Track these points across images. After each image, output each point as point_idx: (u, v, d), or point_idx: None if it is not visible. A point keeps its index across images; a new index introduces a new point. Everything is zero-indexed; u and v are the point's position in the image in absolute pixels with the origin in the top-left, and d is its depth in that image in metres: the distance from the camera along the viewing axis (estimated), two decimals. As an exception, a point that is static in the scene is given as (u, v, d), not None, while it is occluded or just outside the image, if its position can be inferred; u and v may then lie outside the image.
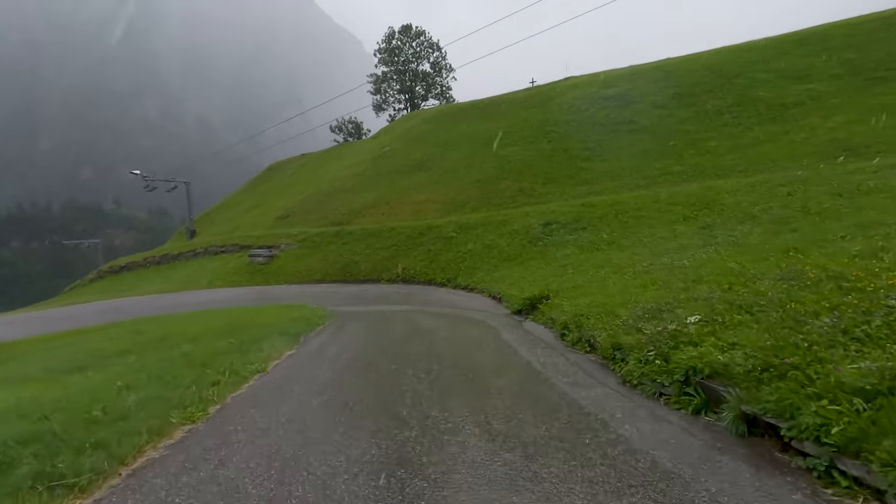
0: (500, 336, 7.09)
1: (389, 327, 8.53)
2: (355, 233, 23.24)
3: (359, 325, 8.80)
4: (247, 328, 7.65)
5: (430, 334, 7.39)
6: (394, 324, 8.91)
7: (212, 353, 5.65)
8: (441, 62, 58.36)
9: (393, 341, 6.99)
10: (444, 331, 7.85)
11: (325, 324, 8.84)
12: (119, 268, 36.70)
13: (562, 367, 4.97)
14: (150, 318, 11.99)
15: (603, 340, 5.02)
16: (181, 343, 6.63)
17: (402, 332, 7.68)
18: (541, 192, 24.86)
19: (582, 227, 15.10)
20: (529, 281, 11.55)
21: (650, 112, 29.22)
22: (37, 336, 11.00)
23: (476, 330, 7.90)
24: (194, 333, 7.44)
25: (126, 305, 17.82)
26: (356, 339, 7.22)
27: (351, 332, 7.89)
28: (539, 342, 6.45)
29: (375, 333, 7.77)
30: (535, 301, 9.30)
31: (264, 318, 8.85)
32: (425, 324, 8.63)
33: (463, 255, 17.41)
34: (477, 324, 8.57)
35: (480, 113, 38.22)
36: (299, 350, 6.54)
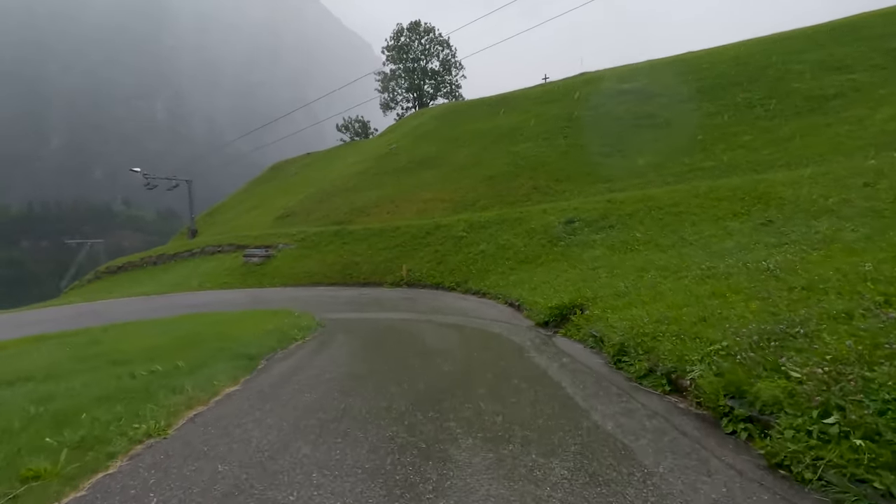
0: (531, 360, 5.37)
1: (385, 345, 6.82)
2: (356, 232, 21.62)
3: (347, 340, 7.11)
4: (202, 343, 6.03)
5: (437, 357, 5.68)
6: (391, 339, 7.23)
7: (115, 390, 3.91)
8: (450, 59, 56.80)
9: (386, 369, 5.23)
10: (455, 350, 6.15)
11: (306, 338, 7.17)
12: (116, 268, 35.46)
13: (649, 430, 3.15)
14: (115, 325, 10.43)
15: (706, 383, 3.26)
16: (111, 364, 5.04)
17: (399, 354, 5.96)
18: (557, 189, 23.17)
19: (610, 225, 13.34)
20: (554, 286, 9.83)
21: (674, 106, 27.42)
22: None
23: (497, 349, 6.19)
24: (135, 350, 5.84)
25: (106, 309, 16.32)
26: (336, 365, 5.45)
27: (333, 352, 6.15)
28: (585, 372, 4.72)
29: (365, 355, 6.01)
30: (565, 311, 7.59)
31: (233, 328, 7.22)
32: (432, 340, 6.93)
33: (474, 257, 15.71)
34: (496, 340, 6.87)
35: (491, 109, 36.58)
36: (248, 384, 4.72)
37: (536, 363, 5.20)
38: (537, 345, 6.27)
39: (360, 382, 4.59)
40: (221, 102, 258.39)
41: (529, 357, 5.52)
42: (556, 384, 4.25)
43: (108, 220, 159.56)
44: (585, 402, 3.69)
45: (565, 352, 5.72)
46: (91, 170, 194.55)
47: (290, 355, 6.04)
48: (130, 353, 5.58)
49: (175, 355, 5.12)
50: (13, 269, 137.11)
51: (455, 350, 6.16)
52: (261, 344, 6.04)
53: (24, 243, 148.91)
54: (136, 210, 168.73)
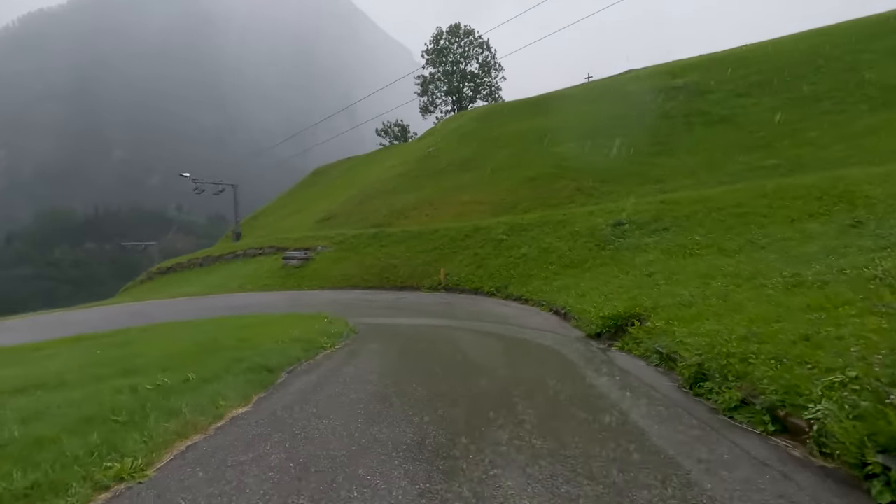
0: (587, 380, 4.64)
1: (419, 357, 6.20)
2: (395, 235, 21.29)
3: (379, 350, 6.55)
4: (223, 351, 5.63)
5: (477, 374, 5.02)
6: (427, 351, 6.62)
7: (108, 409, 3.39)
8: (490, 61, 56.17)
9: (419, 389, 4.50)
10: (498, 365, 5.47)
11: (335, 346, 6.68)
12: (166, 269, 36.85)
13: (766, 492, 2.35)
14: (151, 326, 10.42)
15: (840, 429, 2.36)
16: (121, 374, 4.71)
17: (435, 369, 5.31)
18: (602, 191, 22.08)
19: (664, 228, 12.30)
20: (604, 293, 9.00)
21: (729, 101, 25.73)
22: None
23: (546, 365, 5.48)
24: (154, 357, 5.54)
25: (149, 309, 16.64)
26: (363, 382, 4.81)
27: (362, 365, 5.55)
28: (655, 398, 3.95)
29: (397, 369, 5.38)
30: (620, 321, 6.78)
31: (260, 334, 6.84)
32: (471, 352, 6.29)
33: (515, 261, 14.97)
34: (544, 353, 6.16)
35: (532, 110, 35.67)
36: (260, 405, 4.11)
37: (594, 384, 4.46)
38: (591, 360, 5.52)
39: (388, 406, 3.98)
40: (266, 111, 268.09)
41: (584, 376, 4.78)
42: (623, 414, 3.51)
43: (162, 224, 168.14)
44: (665, 441, 2.95)
45: (626, 370, 4.94)
46: (147, 177, 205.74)
47: (315, 368, 5.47)
48: (147, 361, 5.26)
49: (190, 365, 4.72)
50: (79, 269, 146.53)
51: (498, 365, 5.49)
52: (285, 353, 5.55)
53: (88, 245, 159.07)
54: (188, 215, 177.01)
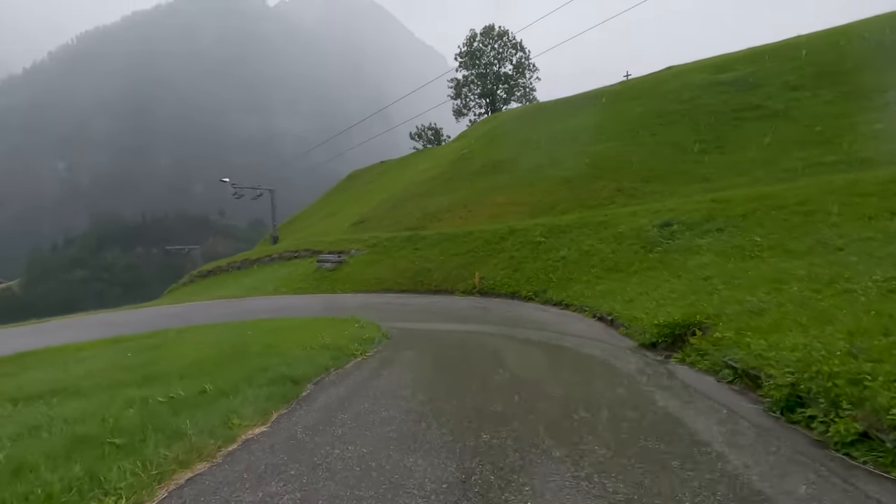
0: (651, 399, 4.02)
1: (457, 368, 5.69)
2: (429, 238, 20.93)
3: (413, 359, 6.09)
4: (248, 358, 5.32)
5: (524, 388, 4.45)
6: (465, 360, 6.12)
7: (107, 429, 3.09)
8: (524, 62, 55.35)
9: (459, 407, 4.01)
10: (545, 378, 4.91)
11: (367, 353, 6.26)
12: (207, 272, 37.80)
13: None
14: (187, 328, 10.39)
15: None
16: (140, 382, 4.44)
17: (476, 383, 4.75)
18: (644, 191, 21.04)
19: (717, 228, 11.36)
20: (654, 298, 8.26)
21: (783, 95, 24.09)
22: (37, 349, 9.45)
23: (600, 380, 4.86)
24: (178, 362, 5.29)
25: (187, 312, 16.88)
26: (396, 397, 4.33)
27: (395, 376, 5.13)
28: (741, 425, 3.28)
29: (433, 382, 4.87)
30: (678, 330, 6.09)
31: (289, 339, 6.53)
32: (514, 362, 5.75)
33: (554, 264, 14.28)
34: (595, 365, 5.55)
35: (568, 110, 34.72)
36: (279, 424, 3.64)
37: (661, 405, 3.84)
38: (651, 375, 4.87)
39: (425, 429, 3.48)
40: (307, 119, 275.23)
41: (647, 395, 4.15)
42: (705, 446, 2.88)
43: (206, 229, 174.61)
44: (773, 489, 2.31)
45: (694, 388, 4.28)
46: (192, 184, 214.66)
47: (344, 378, 5.05)
48: (170, 367, 5.01)
49: (212, 373, 4.40)
50: (129, 272, 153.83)
51: (544, 378, 4.92)
52: (312, 361, 5.16)
53: (137, 249, 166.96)
54: (229, 220, 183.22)
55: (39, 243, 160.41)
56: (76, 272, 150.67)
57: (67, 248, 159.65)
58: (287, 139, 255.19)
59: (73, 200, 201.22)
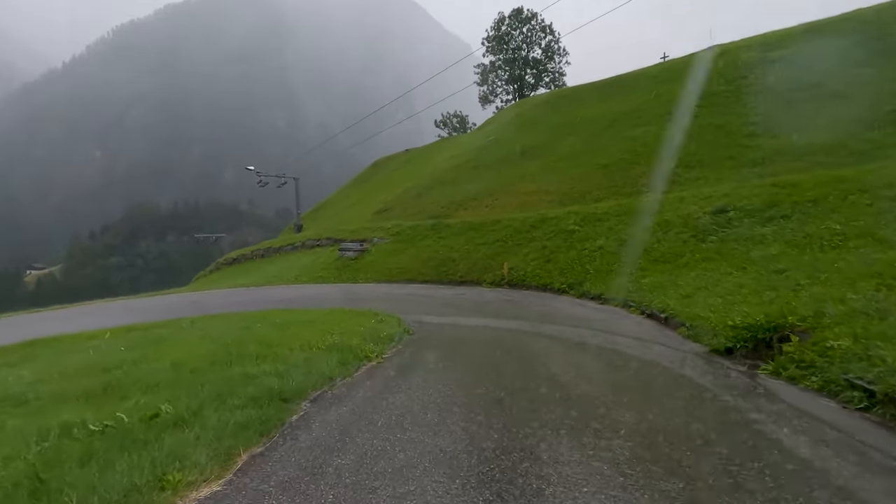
0: (756, 430, 2.97)
1: (495, 378, 4.59)
2: (454, 226, 19.95)
3: (439, 363, 5.11)
4: (236, 363, 4.41)
5: (580, 409, 3.43)
6: (500, 366, 5.10)
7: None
8: (554, 46, 53.27)
9: (501, 443, 2.94)
10: (612, 400, 3.80)
11: (383, 354, 5.34)
12: (232, 260, 37.94)
13: None
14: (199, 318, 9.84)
15: None
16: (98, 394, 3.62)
17: (518, 399, 3.71)
18: (687, 177, 19.50)
19: (783, 216, 9.99)
20: (718, 294, 7.10)
21: (846, 73, 21.95)
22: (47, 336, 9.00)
23: (679, 399, 3.79)
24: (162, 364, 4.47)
25: (205, 300, 16.46)
26: (417, 424, 3.28)
27: (415, 391, 4.13)
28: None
29: (467, 400, 3.81)
30: (760, 333, 4.96)
31: (293, 337, 5.66)
32: (562, 370, 4.74)
33: (590, 254, 13.11)
34: (667, 378, 4.49)
35: (602, 93, 33.00)
36: (239, 483, 2.51)
37: (772, 437, 2.78)
38: (747, 396, 3.77)
39: (460, 487, 2.39)
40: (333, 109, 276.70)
41: (758, 428, 3.06)
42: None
43: (235, 218, 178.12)
44: None
45: (815, 417, 3.19)
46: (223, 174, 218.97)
47: (350, 393, 4.05)
48: (146, 371, 4.22)
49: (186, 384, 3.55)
50: (162, 259, 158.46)
51: (605, 396, 3.87)
52: (313, 368, 4.20)
53: (170, 238, 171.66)
54: (258, 209, 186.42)
55: (78, 231, 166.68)
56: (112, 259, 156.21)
57: (104, 235, 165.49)
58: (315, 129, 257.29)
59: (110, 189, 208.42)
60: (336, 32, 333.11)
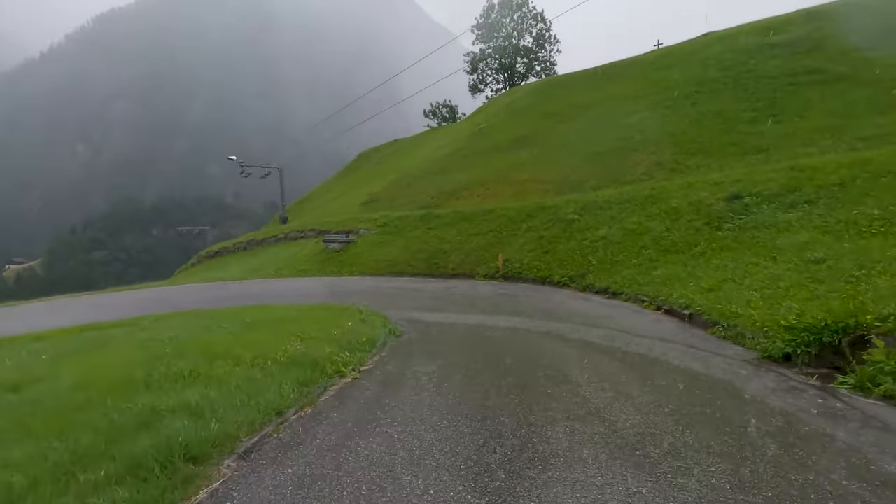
0: None
1: (507, 395, 3.57)
2: (444, 216, 18.91)
3: (431, 377, 4.05)
4: (159, 387, 3.25)
5: (647, 453, 2.42)
6: (514, 375, 4.08)
7: None
8: (545, 34, 52.13)
9: None
10: (689, 448, 2.75)
11: (362, 366, 4.28)
12: (213, 253, 36.55)
13: None
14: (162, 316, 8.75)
15: None
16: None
17: (551, 435, 2.67)
18: (688, 165, 18.68)
19: (807, 201, 9.11)
20: (753, 288, 6.17)
21: (848, 57, 21.23)
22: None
23: (773, 436, 2.74)
24: (61, 387, 3.39)
25: (179, 295, 15.29)
26: (404, 496, 2.27)
27: (406, 420, 3.15)
28: None
29: (474, 434, 2.79)
30: (825, 336, 4.01)
31: (249, 344, 4.57)
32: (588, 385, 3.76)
33: (592, 245, 12.17)
34: (727, 398, 3.50)
35: (596, 81, 31.98)
36: None
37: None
38: (842, 421, 2.83)
39: None
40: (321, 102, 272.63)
41: (882, 471, 2.13)
42: None
43: (221, 211, 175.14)
44: None
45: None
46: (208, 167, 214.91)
47: (305, 437, 2.89)
48: (22, 401, 3.14)
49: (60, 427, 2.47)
50: (147, 253, 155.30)
51: (663, 429, 2.85)
52: (259, 397, 3.04)
53: (154, 232, 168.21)
54: (245, 202, 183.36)
55: (60, 225, 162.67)
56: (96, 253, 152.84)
57: (87, 229, 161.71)
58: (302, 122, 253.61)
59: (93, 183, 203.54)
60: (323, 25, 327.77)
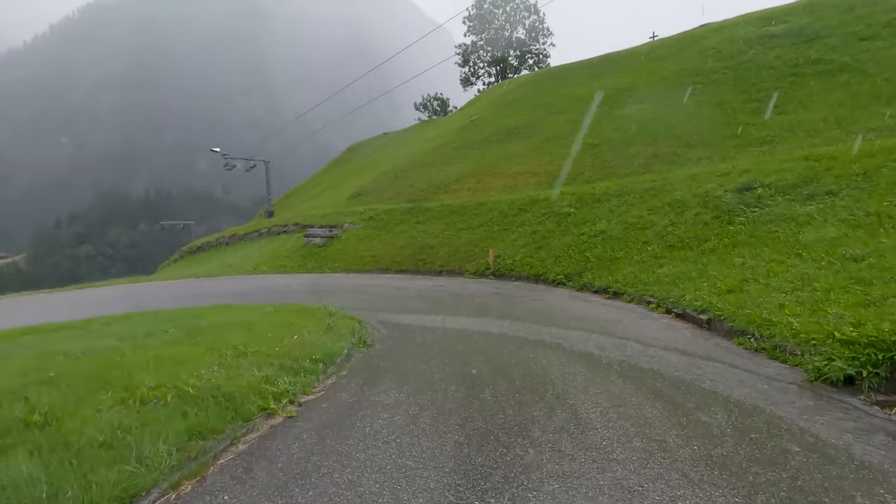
0: None
1: (489, 440, 2.62)
2: (433, 210, 17.96)
3: (400, 410, 3.01)
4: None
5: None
6: (508, 412, 3.13)
7: None
8: (538, 26, 51.12)
9: None
10: None
11: (311, 393, 3.28)
12: (196, 248, 35.41)
13: None
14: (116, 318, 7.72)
15: None
16: None
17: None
18: (687, 157, 17.93)
19: (828, 192, 8.28)
20: (782, 290, 5.32)
21: (851, 46, 20.53)
22: None
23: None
24: None
25: (143, 293, 14.23)
26: None
27: (345, 481, 2.20)
28: None
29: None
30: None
31: (170, 361, 3.61)
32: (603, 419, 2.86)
33: (590, 240, 11.29)
34: (796, 445, 2.62)
35: (590, 72, 31.13)
36: None
37: None
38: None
39: None
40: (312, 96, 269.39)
41: None
42: None
43: (209, 206, 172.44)
44: None
45: None
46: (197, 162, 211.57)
47: None
48: None
49: None
50: (134, 248, 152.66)
51: None
52: (111, 470, 1.96)
53: (141, 226, 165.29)
54: (233, 197, 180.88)
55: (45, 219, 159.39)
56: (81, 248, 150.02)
57: (72, 224, 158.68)
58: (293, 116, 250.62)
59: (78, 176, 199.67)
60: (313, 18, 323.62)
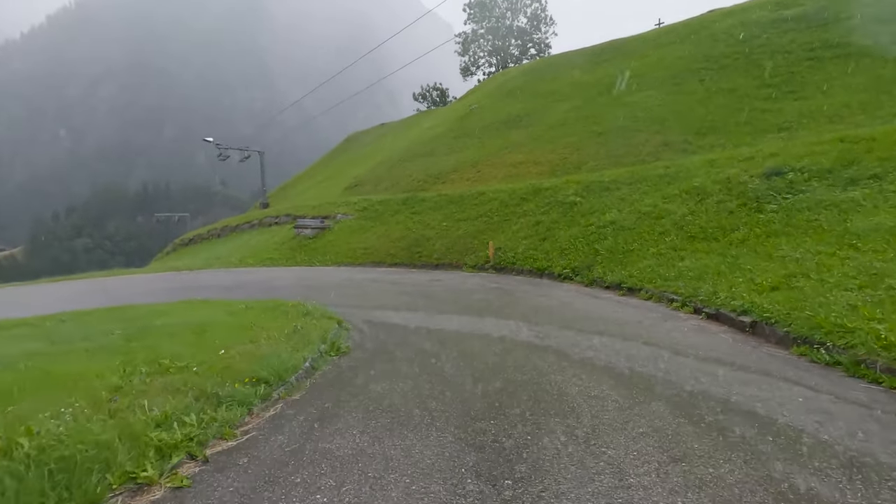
0: None
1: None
2: (429, 200, 17.01)
3: (355, 458, 2.19)
4: None
5: None
6: (501, 452, 2.27)
7: None
8: (540, 14, 49.82)
9: None
10: None
11: (229, 438, 2.37)
12: (188, 240, 34.56)
13: None
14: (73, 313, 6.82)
15: None
16: None
17: None
18: (699, 144, 16.98)
19: (872, 176, 7.35)
20: (848, 288, 4.40)
21: (869, 29, 19.48)
22: None
23: None
24: None
25: (117, 287, 13.30)
26: None
27: None
28: None
29: None
30: None
31: (57, 383, 2.76)
32: (634, 471, 1.96)
33: (598, 231, 10.35)
34: None
35: (595, 58, 30.01)
36: None
37: None
38: None
39: None
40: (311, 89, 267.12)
41: None
42: None
43: (208, 199, 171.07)
44: None
45: None
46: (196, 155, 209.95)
47: None
48: None
49: None
50: (132, 241, 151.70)
51: None
52: None
53: (139, 219, 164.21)
54: (231, 189, 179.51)
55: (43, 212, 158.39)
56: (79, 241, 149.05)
57: (70, 216, 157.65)
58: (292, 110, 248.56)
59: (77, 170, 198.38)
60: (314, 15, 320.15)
